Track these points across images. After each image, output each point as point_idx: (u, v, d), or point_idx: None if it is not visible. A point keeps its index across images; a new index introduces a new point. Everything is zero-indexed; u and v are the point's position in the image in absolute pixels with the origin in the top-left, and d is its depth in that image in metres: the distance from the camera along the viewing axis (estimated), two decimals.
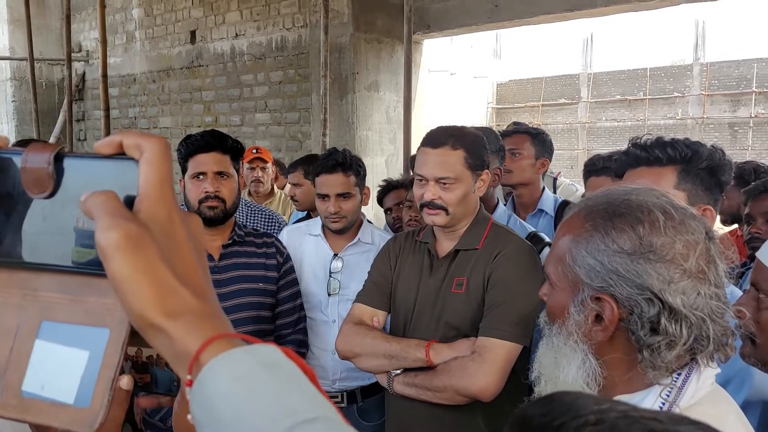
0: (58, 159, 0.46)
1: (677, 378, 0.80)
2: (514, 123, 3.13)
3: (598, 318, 0.81)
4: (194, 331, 0.42)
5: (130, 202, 0.44)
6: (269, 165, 3.98)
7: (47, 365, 0.44)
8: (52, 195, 0.46)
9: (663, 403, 0.78)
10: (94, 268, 0.44)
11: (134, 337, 0.45)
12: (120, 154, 0.45)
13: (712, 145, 1.36)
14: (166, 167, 0.45)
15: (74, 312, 0.45)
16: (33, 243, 0.46)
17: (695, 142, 1.35)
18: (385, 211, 3.05)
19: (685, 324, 0.77)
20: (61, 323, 0.45)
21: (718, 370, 0.84)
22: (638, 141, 1.38)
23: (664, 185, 1.29)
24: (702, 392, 0.81)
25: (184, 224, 0.45)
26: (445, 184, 1.66)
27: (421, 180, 1.71)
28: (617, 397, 0.79)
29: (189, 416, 0.42)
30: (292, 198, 3.61)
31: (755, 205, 2.26)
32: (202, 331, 0.42)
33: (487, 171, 1.74)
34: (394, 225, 2.89)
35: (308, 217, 3.25)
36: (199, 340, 0.42)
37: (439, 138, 1.70)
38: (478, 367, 1.54)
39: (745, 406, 1.17)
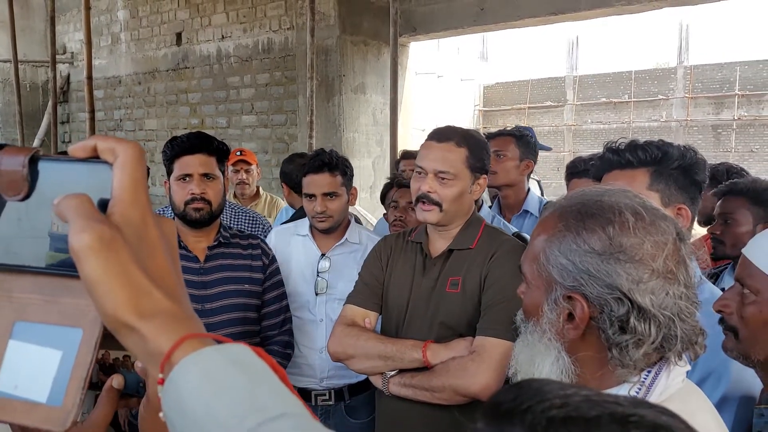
0: (33, 162, 0.46)
1: (646, 376, 0.82)
2: (517, 127, 3.18)
3: (570, 316, 0.83)
4: (166, 331, 0.43)
5: (103, 205, 0.45)
6: (254, 167, 3.97)
7: (20, 365, 0.45)
8: (26, 198, 0.46)
9: None
10: (67, 269, 0.45)
11: (102, 339, 0.45)
12: (94, 158, 0.46)
13: (684, 145, 1.38)
14: (139, 171, 0.45)
15: (48, 312, 0.45)
16: (7, 245, 0.47)
17: (666, 143, 1.38)
18: (388, 206, 3.08)
19: (654, 323, 0.79)
20: (35, 323, 0.45)
21: (688, 368, 0.87)
22: (612, 145, 1.41)
23: (637, 187, 1.32)
24: (671, 390, 0.83)
25: (158, 227, 0.46)
26: (443, 178, 1.68)
27: (420, 173, 1.72)
28: None
29: (161, 414, 0.43)
30: None
31: (719, 205, 2.30)
32: (174, 331, 0.43)
33: (485, 177, 1.76)
34: (393, 222, 2.90)
35: (297, 217, 3.25)
36: (171, 340, 0.43)
37: (445, 134, 1.73)
38: (478, 366, 1.55)
39: (723, 402, 1.20)
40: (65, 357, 0.44)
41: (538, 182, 6.58)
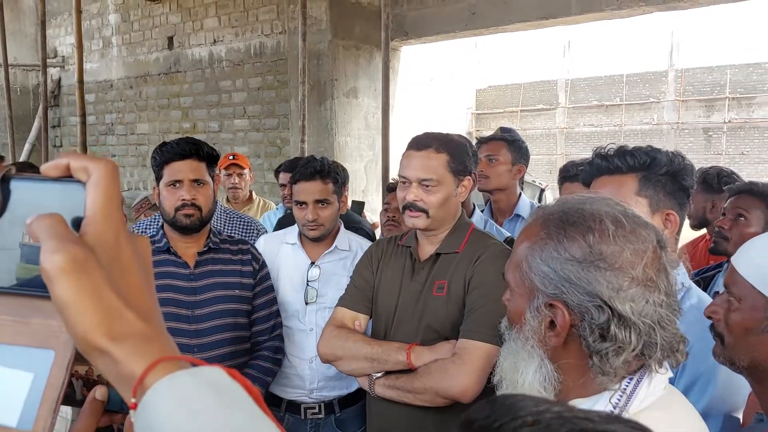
0: (5, 181, 0.46)
1: (627, 384, 0.83)
2: (501, 128, 3.17)
3: (552, 324, 0.84)
4: (139, 354, 0.42)
5: (77, 224, 0.44)
6: (246, 171, 3.97)
7: None
8: None
9: (613, 409, 0.80)
10: (38, 290, 0.44)
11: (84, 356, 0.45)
12: (67, 177, 0.46)
13: (672, 151, 1.40)
14: (113, 190, 0.45)
15: (18, 333, 0.44)
16: None
17: (655, 149, 1.39)
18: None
19: (634, 331, 0.80)
20: (5, 345, 0.44)
21: (670, 375, 0.87)
22: (601, 151, 1.42)
23: (625, 193, 1.33)
24: (653, 397, 0.83)
25: (132, 246, 0.46)
26: (427, 186, 1.70)
27: (404, 182, 1.75)
28: (572, 401, 0.82)
29: None
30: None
31: (733, 201, 2.31)
32: (147, 354, 0.42)
33: (469, 177, 1.78)
34: (386, 223, 2.91)
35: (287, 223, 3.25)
36: (144, 363, 0.42)
37: (424, 141, 1.75)
38: (459, 368, 1.57)
39: (708, 412, 1.21)
40: (36, 379, 0.43)
41: (542, 190, 6.42)
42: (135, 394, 0.42)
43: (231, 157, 3.92)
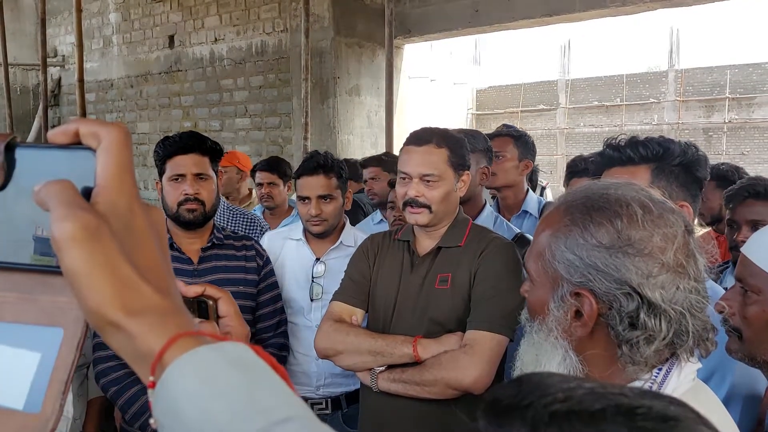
0: (10, 149, 0.43)
1: (657, 374, 0.80)
2: (504, 125, 3.14)
3: (578, 313, 0.81)
4: (157, 329, 0.39)
5: (88, 193, 0.41)
6: (231, 169, 3.85)
7: None
8: (3, 187, 0.43)
9: None
10: (47, 266, 0.42)
11: None
12: (76, 144, 0.43)
13: (685, 142, 1.37)
14: (125, 156, 0.42)
15: (25, 311, 0.42)
16: None
17: (668, 139, 1.37)
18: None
19: (665, 318, 0.77)
20: (10, 323, 0.42)
21: (699, 366, 0.84)
22: (612, 141, 1.39)
23: None
24: (683, 388, 0.80)
25: (146, 216, 0.43)
26: (428, 181, 1.69)
27: (404, 178, 1.73)
28: None
29: (152, 420, 0.39)
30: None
31: (741, 211, 2.20)
32: (166, 329, 0.40)
33: (467, 173, 1.77)
34: (393, 223, 2.88)
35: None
36: (163, 339, 0.39)
37: (423, 136, 1.74)
38: (470, 359, 1.55)
39: (727, 401, 1.18)
40: (44, 359, 0.41)
41: (542, 188, 6.40)
42: (153, 372, 0.39)
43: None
